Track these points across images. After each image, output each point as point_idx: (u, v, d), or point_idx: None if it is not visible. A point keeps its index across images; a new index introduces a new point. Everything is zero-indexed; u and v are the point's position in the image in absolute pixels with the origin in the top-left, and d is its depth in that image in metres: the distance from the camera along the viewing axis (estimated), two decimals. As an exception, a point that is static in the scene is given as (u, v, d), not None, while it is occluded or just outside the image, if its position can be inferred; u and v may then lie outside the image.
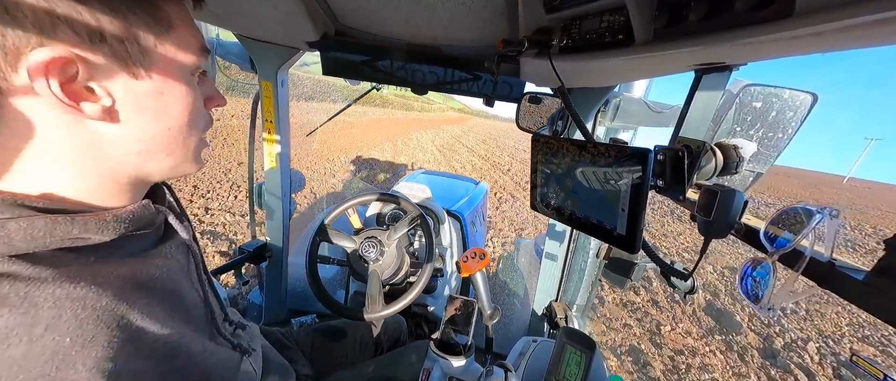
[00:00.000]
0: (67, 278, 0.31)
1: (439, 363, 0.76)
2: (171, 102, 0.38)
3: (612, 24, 0.51)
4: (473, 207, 2.09)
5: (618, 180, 0.52)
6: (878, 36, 0.30)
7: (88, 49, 0.31)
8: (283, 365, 0.72)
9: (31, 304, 0.29)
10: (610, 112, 1.05)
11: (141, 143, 0.37)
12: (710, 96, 0.55)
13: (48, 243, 0.31)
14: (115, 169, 0.37)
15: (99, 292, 0.32)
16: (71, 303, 0.31)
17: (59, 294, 0.30)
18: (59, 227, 0.32)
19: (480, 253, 0.85)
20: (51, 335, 0.29)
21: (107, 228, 0.35)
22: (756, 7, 0.33)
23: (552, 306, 1.30)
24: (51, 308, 0.30)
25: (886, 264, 0.36)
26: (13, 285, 0.29)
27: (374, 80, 1.08)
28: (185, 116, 0.39)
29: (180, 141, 0.40)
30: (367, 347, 1.07)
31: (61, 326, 0.30)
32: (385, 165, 8.39)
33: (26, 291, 0.29)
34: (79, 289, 0.31)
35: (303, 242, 1.68)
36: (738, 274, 0.49)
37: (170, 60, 0.36)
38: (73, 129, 0.33)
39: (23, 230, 0.30)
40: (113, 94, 0.34)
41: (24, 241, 0.30)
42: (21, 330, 0.28)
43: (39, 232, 0.31)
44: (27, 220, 0.30)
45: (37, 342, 0.28)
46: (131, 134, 0.36)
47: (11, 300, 0.28)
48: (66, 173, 0.34)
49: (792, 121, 0.59)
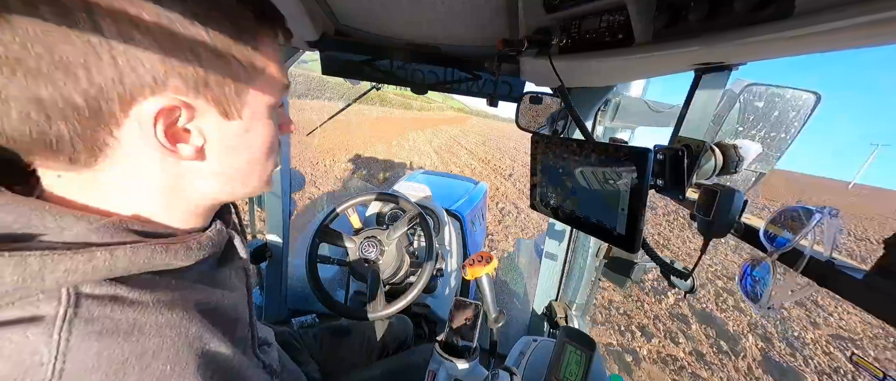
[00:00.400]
0: (165, 305, 0.32)
1: (445, 366, 0.76)
2: (254, 137, 0.39)
3: (612, 24, 0.51)
4: (473, 206, 2.09)
5: (617, 180, 0.52)
6: (877, 36, 0.30)
7: (193, 97, 0.33)
8: (296, 372, 0.72)
9: (140, 332, 0.30)
10: (609, 112, 1.04)
11: (224, 176, 0.39)
12: (710, 96, 0.55)
13: (143, 268, 0.32)
14: (197, 198, 0.39)
15: (188, 318, 0.34)
16: (170, 330, 0.32)
17: (161, 322, 0.32)
18: (157, 255, 0.33)
19: (487, 256, 0.85)
20: (156, 364, 0.30)
21: (190, 255, 0.36)
22: (756, 7, 0.33)
23: (552, 306, 1.30)
24: (155, 337, 0.31)
25: (886, 264, 0.36)
26: (123, 310, 0.30)
27: (374, 79, 1.08)
28: (265, 148, 0.41)
29: (258, 171, 0.42)
30: (374, 348, 1.07)
31: (163, 354, 0.31)
32: (382, 164, 8.16)
33: (135, 318, 0.30)
34: (175, 315, 0.33)
35: (303, 242, 1.69)
36: (737, 274, 0.49)
37: (258, 100, 0.38)
38: (166, 165, 0.35)
39: (128, 257, 0.31)
40: (206, 135, 0.35)
41: (124, 268, 0.31)
42: (134, 359, 0.29)
43: (140, 259, 0.32)
44: (133, 248, 0.31)
45: (146, 371, 0.30)
46: (216, 169, 0.38)
47: (123, 327, 0.30)
48: (155, 203, 0.36)
49: (794, 121, 0.59)
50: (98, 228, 0.31)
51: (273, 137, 0.41)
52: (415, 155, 10.98)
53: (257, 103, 0.38)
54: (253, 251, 1.35)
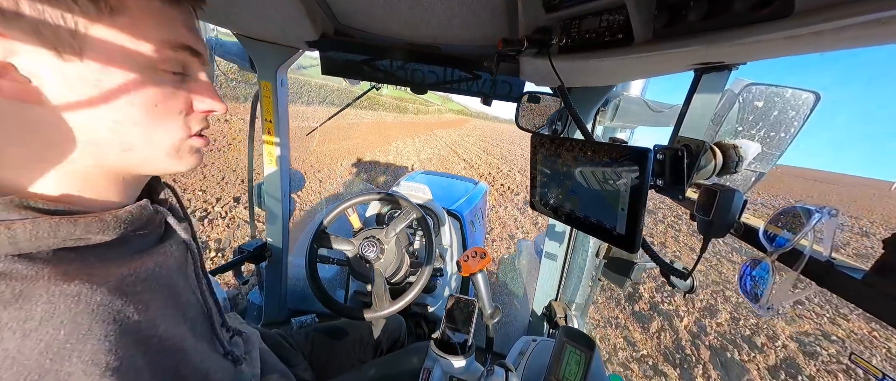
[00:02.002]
0: (63, 276, 0.32)
1: (440, 363, 0.76)
2: (114, 89, 0.34)
3: (612, 24, 0.51)
4: (473, 206, 2.09)
5: (617, 180, 0.52)
6: (876, 35, 0.30)
7: (3, 27, 0.29)
8: (282, 371, 0.72)
9: (25, 300, 0.30)
10: (609, 111, 1.05)
11: (87, 132, 0.35)
12: (710, 96, 0.55)
13: (51, 243, 0.32)
14: (86, 167, 0.37)
15: (93, 288, 0.33)
16: (65, 298, 0.31)
17: (54, 291, 0.31)
18: (63, 228, 0.33)
19: (481, 252, 0.85)
20: (44, 329, 0.30)
21: (107, 228, 0.36)
22: (755, 7, 0.33)
23: (552, 306, 1.30)
24: (45, 304, 0.30)
25: (885, 263, 0.36)
26: (9, 283, 0.30)
27: (374, 79, 1.08)
28: (139, 110, 0.36)
29: (142, 137, 0.38)
30: (367, 347, 1.08)
31: (55, 319, 0.30)
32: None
33: (22, 288, 0.30)
34: (73, 285, 0.32)
35: (303, 241, 1.69)
36: (737, 274, 0.49)
37: (115, 41, 0.33)
38: (17, 114, 0.32)
39: (28, 231, 0.31)
40: (40, 76, 0.32)
41: (28, 241, 0.31)
42: (14, 324, 0.29)
43: (43, 233, 0.31)
44: (32, 222, 0.31)
45: (30, 336, 0.29)
46: (73, 121, 0.34)
47: (5, 297, 0.29)
48: (49, 171, 0.35)
49: (794, 120, 0.59)
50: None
51: (154, 101, 0.37)
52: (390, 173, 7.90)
53: (112, 46, 0.33)
54: (253, 251, 1.35)
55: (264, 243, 1.39)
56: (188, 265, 0.48)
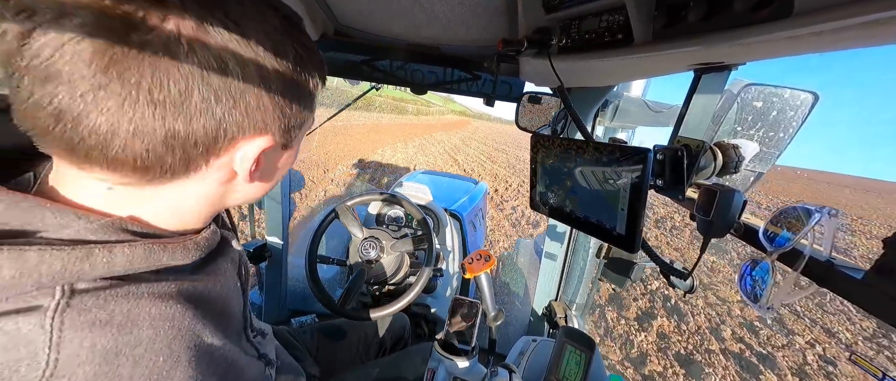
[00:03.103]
0: (159, 297, 0.33)
1: (443, 364, 0.76)
2: (290, 161, 0.44)
3: (612, 24, 0.51)
4: (473, 206, 2.09)
5: (617, 180, 0.52)
6: (876, 36, 0.30)
7: (281, 137, 0.37)
8: (293, 366, 0.73)
9: (133, 324, 0.31)
10: (609, 112, 1.05)
11: (257, 192, 0.42)
12: (710, 96, 0.55)
13: (141, 267, 0.33)
14: (221, 207, 0.41)
15: (183, 310, 0.34)
16: (163, 322, 0.32)
17: (155, 314, 0.32)
18: (154, 255, 0.34)
19: (486, 255, 0.85)
20: (150, 355, 0.31)
21: (189, 253, 0.37)
22: (755, 7, 0.33)
23: (552, 306, 1.30)
24: (148, 328, 0.31)
25: (885, 263, 0.36)
26: (118, 303, 0.30)
27: (374, 80, 1.08)
28: (288, 169, 0.45)
29: (263, 193, 0.45)
30: (371, 346, 1.08)
31: (157, 345, 0.32)
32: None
33: (129, 309, 0.31)
34: (169, 308, 0.33)
35: (302, 242, 1.69)
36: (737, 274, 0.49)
37: (303, 131, 0.42)
38: (227, 185, 0.37)
39: (126, 256, 0.32)
40: (269, 163, 0.39)
41: (122, 266, 0.31)
42: (128, 350, 0.30)
43: (138, 258, 0.32)
44: (130, 246, 0.32)
45: (140, 363, 0.30)
46: (259, 187, 0.41)
47: (118, 320, 0.30)
48: (188, 210, 0.37)
49: (793, 120, 0.59)
50: (97, 227, 0.31)
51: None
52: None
53: (300, 138, 0.42)
54: (252, 252, 1.35)
55: (264, 243, 1.39)
56: (237, 278, 0.49)
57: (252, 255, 1.35)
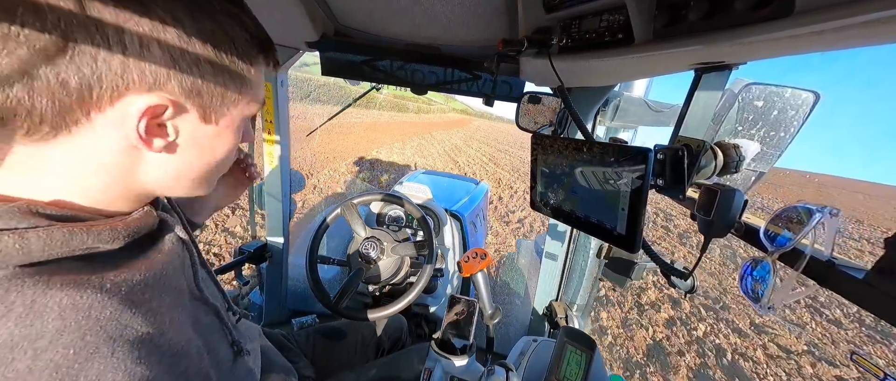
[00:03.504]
0: (74, 285, 0.31)
1: (440, 363, 0.76)
2: (220, 143, 0.41)
3: (612, 24, 0.51)
4: (474, 207, 2.09)
5: (618, 180, 0.52)
6: (876, 35, 0.30)
7: (183, 99, 0.34)
8: (284, 366, 0.72)
9: (36, 315, 0.28)
10: (610, 111, 1.04)
11: (179, 171, 0.39)
12: (710, 95, 0.55)
13: (62, 252, 0.31)
14: (138, 187, 0.38)
15: (104, 299, 0.32)
16: (75, 313, 0.30)
17: (65, 303, 0.30)
18: (76, 237, 0.32)
19: (482, 253, 0.85)
20: (55, 348, 0.28)
21: (118, 236, 0.35)
22: (755, 6, 0.33)
23: (552, 306, 1.30)
24: (56, 319, 0.29)
25: (887, 263, 0.36)
26: (22, 292, 0.29)
27: (374, 80, 1.08)
28: (224, 154, 0.42)
29: (211, 174, 0.43)
30: (369, 347, 1.08)
31: (65, 337, 0.29)
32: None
33: (33, 299, 0.29)
34: (85, 296, 0.31)
35: (303, 242, 1.69)
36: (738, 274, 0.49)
37: (236, 112, 0.40)
38: (127, 154, 0.35)
39: (42, 241, 0.30)
40: (180, 132, 0.36)
41: (41, 251, 0.30)
42: (26, 344, 0.28)
43: (57, 242, 0.31)
44: (46, 230, 0.30)
45: (41, 356, 0.28)
46: (175, 165, 0.38)
47: (17, 310, 0.28)
48: (94, 185, 0.35)
49: (794, 120, 0.59)
50: (2, 213, 0.30)
51: (233, 147, 0.43)
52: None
53: (234, 115, 0.40)
54: (253, 252, 1.35)
55: (265, 243, 1.39)
56: (186, 262, 0.47)
57: (252, 255, 1.35)
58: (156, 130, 0.34)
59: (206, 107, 0.36)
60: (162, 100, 0.32)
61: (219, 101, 0.37)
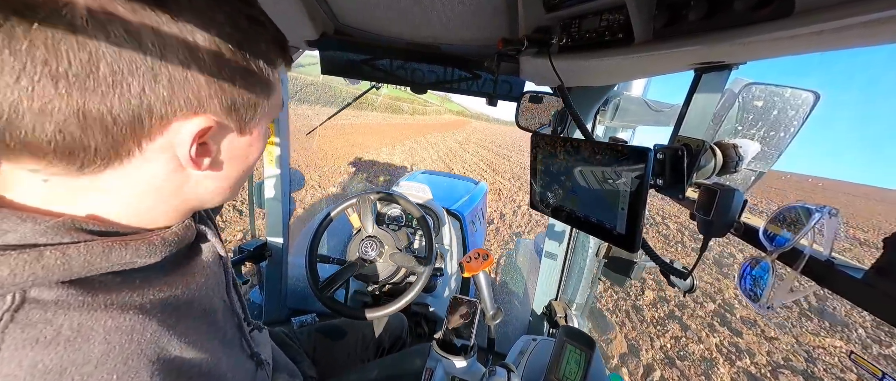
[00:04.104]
0: (118, 308, 0.31)
1: (442, 363, 0.76)
2: (253, 150, 0.41)
3: (612, 24, 0.51)
4: (473, 206, 2.09)
5: (617, 179, 0.52)
6: (876, 35, 0.30)
7: (226, 117, 0.35)
8: (290, 368, 0.72)
9: (84, 339, 0.29)
10: (609, 111, 1.05)
11: (218, 184, 0.40)
12: (710, 95, 0.55)
13: (101, 268, 0.31)
14: (186, 203, 0.39)
15: (145, 321, 0.33)
16: (119, 336, 0.31)
17: (110, 326, 0.30)
18: (115, 252, 0.32)
19: (484, 254, 0.85)
20: (100, 373, 0.29)
21: (155, 251, 0.35)
22: (755, 6, 0.33)
23: (552, 305, 1.30)
24: (101, 343, 0.30)
25: (886, 263, 0.36)
26: (68, 315, 0.29)
27: (374, 79, 1.08)
28: (255, 159, 0.43)
29: (243, 179, 0.44)
30: (369, 346, 1.08)
31: (109, 362, 0.30)
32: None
33: (80, 322, 0.29)
34: (128, 319, 0.32)
35: (303, 241, 1.69)
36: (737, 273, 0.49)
37: (265, 119, 0.40)
38: (176, 175, 0.35)
39: (83, 257, 0.30)
40: (221, 148, 0.37)
41: (81, 267, 0.30)
42: (73, 369, 0.28)
43: (96, 258, 0.31)
44: (86, 245, 0.30)
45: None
46: (217, 178, 0.39)
47: (65, 335, 0.28)
48: (144, 205, 0.36)
49: (794, 120, 0.59)
50: (47, 229, 0.30)
51: (262, 151, 0.44)
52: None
53: (263, 122, 0.40)
54: (253, 251, 1.35)
55: (264, 242, 1.39)
56: (222, 277, 0.47)
57: (252, 254, 1.35)
58: (201, 150, 0.35)
59: (242, 120, 0.37)
60: (209, 122, 0.33)
61: (252, 112, 0.37)
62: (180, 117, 0.31)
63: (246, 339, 0.50)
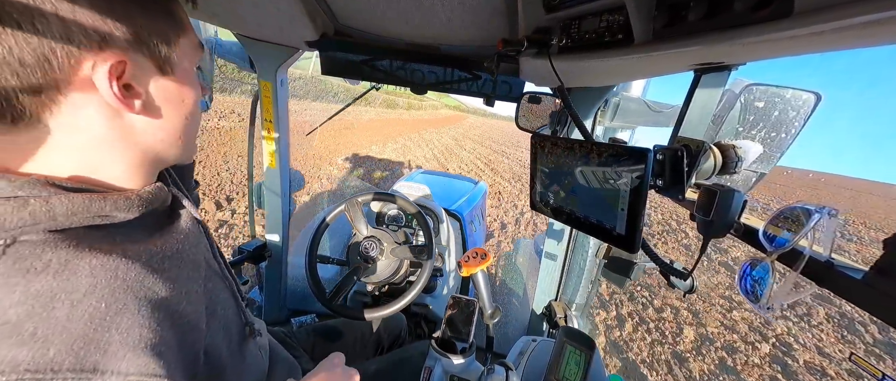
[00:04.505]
0: (102, 250, 0.34)
1: (440, 362, 0.76)
2: (187, 92, 0.42)
3: (612, 24, 0.51)
4: (472, 206, 2.09)
5: (617, 180, 0.52)
6: (876, 36, 0.30)
7: (136, 53, 0.36)
8: (289, 360, 0.73)
9: (71, 271, 0.31)
10: (609, 112, 1.04)
11: (164, 131, 0.41)
12: (710, 96, 0.55)
13: (84, 218, 0.34)
14: (140, 155, 0.41)
15: (129, 263, 0.35)
16: (105, 272, 0.33)
17: (95, 263, 0.33)
18: (95, 203, 0.34)
19: (482, 253, 0.85)
20: (89, 300, 0.31)
21: (132, 206, 0.38)
22: (755, 7, 0.33)
23: (552, 306, 1.30)
24: (88, 276, 0.32)
25: (885, 264, 0.36)
26: (56, 252, 0.31)
27: (374, 79, 1.08)
28: (192, 104, 0.44)
29: (190, 128, 0.45)
30: (368, 346, 1.08)
31: (97, 292, 0.32)
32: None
33: (67, 259, 0.31)
34: (112, 259, 0.34)
35: (302, 241, 1.69)
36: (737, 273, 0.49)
37: (185, 58, 0.42)
38: (113, 120, 0.37)
39: (65, 206, 0.32)
40: (147, 89, 0.38)
41: (65, 215, 0.32)
42: (64, 295, 0.30)
43: (79, 207, 0.33)
44: (67, 196, 0.33)
45: (78, 306, 0.31)
46: (158, 124, 0.40)
47: (54, 267, 0.31)
48: (98, 159, 0.37)
49: (795, 121, 0.59)
50: (22, 184, 0.32)
51: (197, 98, 0.45)
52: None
53: (184, 61, 0.42)
54: (252, 251, 1.35)
55: (264, 242, 1.39)
56: (202, 240, 0.50)
57: (252, 254, 1.35)
58: (127, 91, 0.36)
59: (157, 56, 0.38)
60: (118, 56, 0.34)
61: (165, 49, 0.38)
62: (88, 55, 0.32)
63: (241, 308, 0.53)
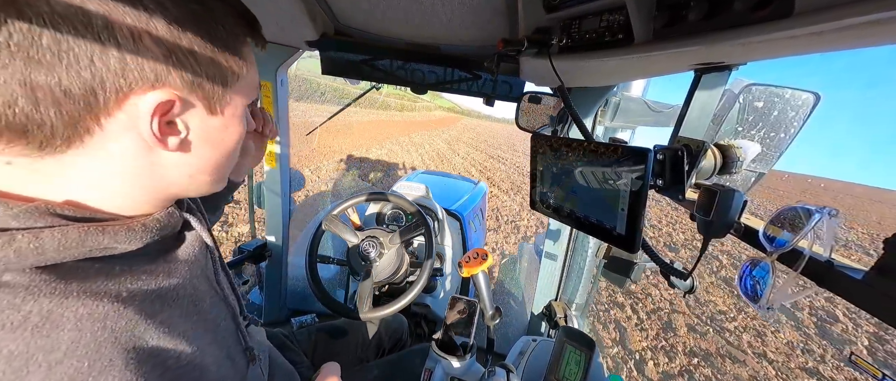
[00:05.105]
0: (92, 295, 0.30)
1: (441, 364, 0.76)
2: (230, 134, 0.40)
3: (612, 24, 0.51)
4: (472, 206, 2.09)
5: (617, 180, 0.52)
6: (876, 36, 0.30)
7: (187, 93, 0.34)
8: (287, 369, 0.72)
9: (53, 326, 0.28)
10: (609, 111, 1.04)
11: (194, 168, 0.39)
12: (710, 96, 0.55)
13: (77, 253, 0.31)
14: (160, 189, 0.38)
15: (120, 309, 0.32)
16: (91, 323, 0.30)
17: (82, 313, 0.29)
18: (91, 237, 0.31)
19: (482, 253, 0.85)
20: (69, 361, 0.28)
21: (134, 238, 0.35)
22: (755, 7, 0.33)
23: (552, 306, 1.30)
24: (72, 330, 0.29)
25: (886, 264, 0.36)
26: (37, 301, 0.28)
27: (374, 79, 1.08)
28: (234, 145, 0.42)
29: (224, 166, 0.43)
30: (369, 347, 1.08)
31: (80, 350, 0.29)
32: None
33: (50, 309, 0.28)
34: (102, 306, 0.31)
35: (303, 241, 1.69)
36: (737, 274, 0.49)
37: (238, 100, 0.40)
38: (144, 154, 0.34)
39: (57, 241, 0.29)
40: (190, 128, 0.36)
41: (55, 250, 0.29)
42: (40, 356, 0.27)
43: (71, 242, 0.30)
44: (61, 230, 0.30)
45: (55, 369, 0.27)
46: (190, 161, 0.38)
47: (33, 321, 0.27)
48: (112, 188, 0.35)
49: (794, 121, 0.59)
50: (18, 213, 0.29)
51: (241, 137, 0.43)
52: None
53: (237, 103, 0.40)
54: (253, 251, 1.35)
55: (264, 242, 1.39)
56: (209, 265, 0.47)
57: (252, 254, 1.35)
58: (167, 128, 0.34)
59: (210, 98, 0.36)
60: (168, 95, 0.32)
61: (220, 89, 0.36)
62: (138, 91, 0.31)
63: (241, 331, 0.50)
